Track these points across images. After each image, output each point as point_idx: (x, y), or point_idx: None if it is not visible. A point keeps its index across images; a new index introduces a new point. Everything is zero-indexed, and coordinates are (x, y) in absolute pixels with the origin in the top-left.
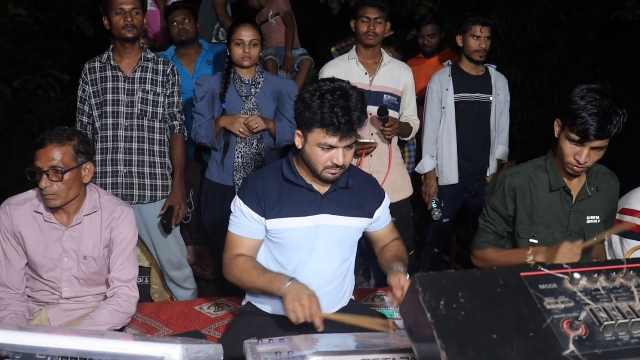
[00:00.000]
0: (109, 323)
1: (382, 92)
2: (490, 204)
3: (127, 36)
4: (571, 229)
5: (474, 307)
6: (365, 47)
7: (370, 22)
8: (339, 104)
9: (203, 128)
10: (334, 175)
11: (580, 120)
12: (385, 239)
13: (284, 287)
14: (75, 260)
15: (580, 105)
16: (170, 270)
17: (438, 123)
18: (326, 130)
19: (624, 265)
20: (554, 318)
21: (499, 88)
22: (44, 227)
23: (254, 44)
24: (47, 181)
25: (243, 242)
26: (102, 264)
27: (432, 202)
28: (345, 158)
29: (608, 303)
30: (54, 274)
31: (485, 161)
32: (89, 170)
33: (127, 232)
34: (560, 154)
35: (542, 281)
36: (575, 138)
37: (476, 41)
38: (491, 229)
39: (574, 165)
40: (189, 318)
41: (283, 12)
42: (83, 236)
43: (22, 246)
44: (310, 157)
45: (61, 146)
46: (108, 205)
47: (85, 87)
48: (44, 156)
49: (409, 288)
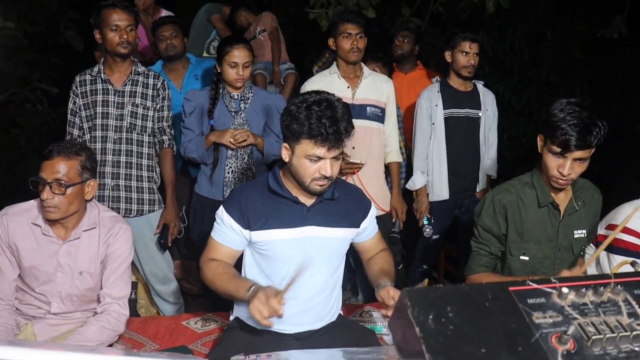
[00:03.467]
0: (96, 340)
1: (365, 105)
2: (481, 224)
3: (121, 52)
4: (560, 244)
5: (463, 322)
6: (347, 64)
7: (352, 37)
8: (326, 115)
9: (193, 143)
10: (322, 187)
11: (560, 132)
12: (373, 249)
13: (247, 294)
14: (69, 276)
15: (559, 118)
16: (156, 285)
17: (428, 139)
18: (314, 142)
19: (611, 280)
20: (543, 332)
21: (488, 104)
22: (40, 239)
23: (247, 66)
24: (49, 193)
25: (220, 249)
26: (97, 280)
27: (423, 219)
28: (333, 169)
29: (596, 317)
30: (46, 287)
31: (475, 177)
32: (92, 187)
33: (123, 248)
34: (545, 168)
35: (531, 296)
36: (557, 150)
37: (465, 57)
38: (486, 250)
39: (558, 178)
40: (175, 333)
41: (270, 28)
42: (80, 251)
43: (17, 258)
44: (298, 169)
45: (68, 160)
46: (107, 222)
47: (75, 99)
48: (49, 168)
49: (398, 303)
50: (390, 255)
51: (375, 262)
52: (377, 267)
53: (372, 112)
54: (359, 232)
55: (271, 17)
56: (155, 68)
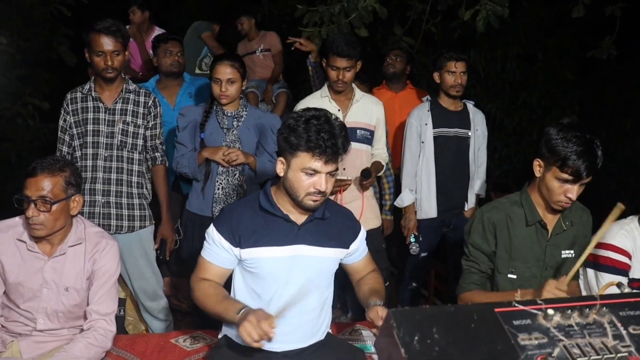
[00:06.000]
0: (83, 357)
1: (355, 128)
2: (471, 242)
3: (105, 77)
4: (547, 263)
5: (448, 343)
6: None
7: (339, 71)
8: (325, 129)
9: (185, 158)
10: (316, 202)
11: (571, 162)
12: (362, 271)
13: (237, 316)
14: (55, 292)
15: (566, 147)
16: (145, 301)
17: (417, 157)
18: (312, 154)
19: (597, 302)
20: (528, 354)
21: (477, 123)
22: (26, 256)
23: (232, 82)
24: (35, 210)
25: (211, 268)
26: (84, 296)
27: (410, 237)
28: (327, 185)
29: (581, 339)
30: (31, 304)
31: (464, 196)
32: (78, 202)
33: (109, 265)
34: (549, 193)
35: (517, 317)
36: (569, 178)
37: (452, 76)
38: (476, 268)
39: (564, 202)
40: (164, 351)
41: (276, 50)
42: (66, 267)
43: (2, 274)
44: (292, 183)
45: (52, 177)
46: (93, 238)
47: (66, 117)
48: (33, 185)
49: (384, 323)
50: (380, 276)
51: (365, 283)
52: (366, 287)
53: (361, 135)
54: (348, 253)
55: (278, 39)
56: (149, 84)
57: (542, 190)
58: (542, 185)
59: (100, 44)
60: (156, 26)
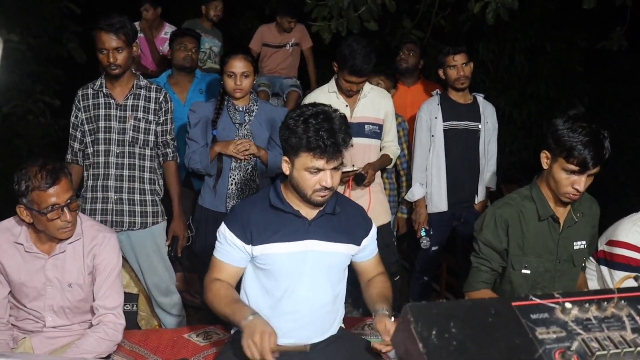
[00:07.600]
0: (95, 351)
1: (363, 123)
2: (482, 239)
3: (111, 73)
4: (560, 256)
5: (466, 337)
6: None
7: (352, 84)
8: (324, 127)
9: (197, 154)
10: (324, 197)
11: (577, 152)
12: (371, 272)
13: (243, 322)
14: (59, 289)
15: (572, 137)
16: (158, 297)
17: (427, 151)
18: (313, 154)
19: (615, 295)
20: (546, 348)
21: (487, 116)
22: (25, 256)
23: (246, 75)
24: (71, 214)
25: (224, 267)
26: (88, 291)
27: (421, 230)
28: (333, 180)
29: (600, 333)
30: (37, 303)
31: (474, 189)
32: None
33: (110, 258)
34: (556, 184)
35: (534, 311)
36: (575, 169)
37: (454, 70)
38: (487, 265)
39: (572, 193)
40: (177, 346)
41: (308, 46)
42: (67, 264)
43: (5, 275)
44: (298, 182)
45: (67, 178)
46: (90, 232)
47: (77, 113)
48: (61, 191)
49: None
50: (388, 280)
51: (373, 286)
52: (375, 291)
53: (370, 129)
54: (359, 250)
55: (307, 33)
56: (160, 80)
57: (550, 183)
58: (550, 177)
59: (102, 41)
60: (166, 22)
